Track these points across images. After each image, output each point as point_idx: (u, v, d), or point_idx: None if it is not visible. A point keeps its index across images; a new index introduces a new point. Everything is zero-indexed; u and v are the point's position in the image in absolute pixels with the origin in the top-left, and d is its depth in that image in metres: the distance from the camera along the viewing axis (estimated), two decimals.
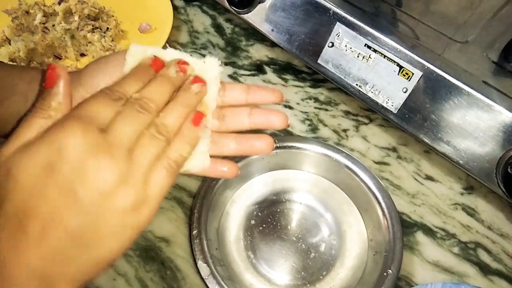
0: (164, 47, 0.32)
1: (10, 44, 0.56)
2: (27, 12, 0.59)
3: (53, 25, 0.58)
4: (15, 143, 0.24)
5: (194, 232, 0.41)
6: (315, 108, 0.58)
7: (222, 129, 0.33)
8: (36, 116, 0.25)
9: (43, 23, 0.58)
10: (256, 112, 0.33)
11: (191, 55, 0.32)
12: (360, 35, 0.48)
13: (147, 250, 0.46)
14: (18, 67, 0.35)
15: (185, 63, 0.30)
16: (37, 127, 0.24)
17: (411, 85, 0.46)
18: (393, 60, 0.47)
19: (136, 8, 0.66)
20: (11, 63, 0.55)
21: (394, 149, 0.55)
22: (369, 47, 0.48)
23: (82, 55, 0.60)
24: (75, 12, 0.59)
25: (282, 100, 0.33)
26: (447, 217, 0.50)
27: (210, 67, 0.31)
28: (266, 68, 0.62)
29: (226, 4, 0.56)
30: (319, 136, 0.55)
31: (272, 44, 0.64)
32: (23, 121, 0.25)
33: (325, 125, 0.57)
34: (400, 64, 0.46)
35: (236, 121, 0.33)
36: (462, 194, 0.52)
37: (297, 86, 0.61)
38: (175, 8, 0.65)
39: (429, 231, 0.49)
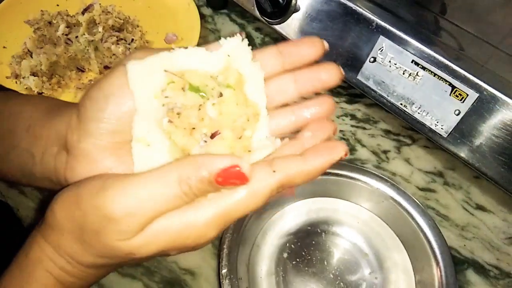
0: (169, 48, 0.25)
1: (31, 57, 0.54)
2: (50, 23, 0.57)
3: (76, 37, 0.55)
4: None
5: (224, 271, 0.38)
6: (352, 126, 0.54)
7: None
8: None
9: (66, 35, 0.56)
10: (301, 74, 0.26)
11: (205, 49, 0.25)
12: (407, 50, 0.43)
13: (171, 283, 0.43)
14: (11, 104, 0.31)
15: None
16: None
17: (465, 107, 0.41)
18: (444, 79, 0.42)
19: (162, 18, 0.62)
20: (32, 77, 0.52)
21: (440, 174, 0.50)
22: (416, 64, 0.43)
23: (106, 67, 0.57)
24: (99, 23, 0.56)
25: (326, 50, 0.27)
26: (500, 253, 0.45)
27: (236, 52, 0.25)
28: None
29: (257, 14, 0.52)
30: (357, 158, 0.51)
31: None
32: None
33: (363, 146, 0.52)
34: (453, 83, 0.41)
35: (280, 93, 0.27)
36: None
37: None
38: (202, 16, 0.62)
39: (481, 269, 0.44)
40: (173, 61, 0.25)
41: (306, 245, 0.44)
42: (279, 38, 0.63)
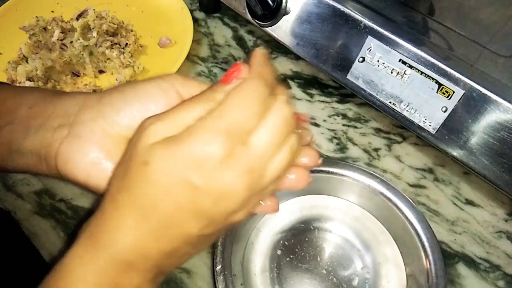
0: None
1: (27, 62, 0.55)
2: (45, 29, 0.58)
3: (71, 42, 0.56)
4: (165, 121, 0.23)
5: (218, 268, 0.38)
6: (343, 125, 0.55)
7: None
8: (198, 102, 0.24)
9: (61, 40, 0.57)
10: None
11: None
12: (394, 49, 0.44)
13: (167, 282, 0.43)
14: (20, 88, 0.32)
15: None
16: (193, 115, 0.23)
17: (451, 104, 0.42)
18: (431, 77, 0.43)
19: (156, 22, 0.63)
20: (28, 82, 0.53)
21: (430, 171, 0.51)
22: (404, 63, 0.44)
23: (101, 71, 0.58)
24: (93, 28, 0.57)
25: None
26: (490, 246, 0.46)
27: None
28: (291, 83, 0.59)
29: (249, 17, 0.53)
30: (348, 156, 0.52)
31: (297, 57, 0.61)
32: (182, 103, 0.24)
33: (355, 144, 0.53)
34: (439, 81, 0.42)
35: None
36: (506, 220, 0.48)
37: (323, 101, 0.57)
38: (195, 20, 0.63)
39: (471, 263, 0.45)
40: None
41: (299, 242, 0.44)
42: (271, 41, 0.64)
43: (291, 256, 0.44)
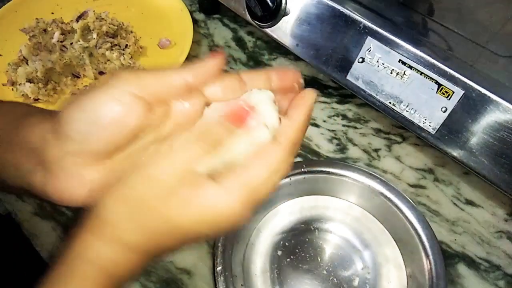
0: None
1: (27, 64, 0.55)
2: (45, 30, 0.58)
3: (71, 43, 0.57)
4: None
5: (218, 268, 0.39)
6: (343, 125, 0.55)
7: None
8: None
9: (61, 41, 0.57)
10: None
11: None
12: (394, 50, 0.44)
13: (168, 283, 0.43)
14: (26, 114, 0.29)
15: None
16: None
17: (451, 104, 0.42)
18: (430, 77, 0.43)
19: (155, 23, 0.64)
20: (28, 83, 0.53)
21: (430, 171, 0.51)
22: (403, 63, 0.44)
23: (101, 73, 0.58)
24: (93, 30, 0.57)
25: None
26: (490, 246, 0.46)
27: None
28: None
29: (248, 18, 0.53)
30: (348, 157, 0.52)
31: (296, 58, 0.61)
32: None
33: (355, 145, 0.53)
34: (439, 81, 0.43)
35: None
36: (506, 220, 0.48)
37: (323, 102, 0.57)
38: (195, 21, 0.63)
39: (471, 263, 0.45)
40: None
41: (300, 242, 0.44)
42: (271, 42, 0.64)
43: (292, 257, 0.44)
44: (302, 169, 0.45)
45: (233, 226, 0.25)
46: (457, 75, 0.41)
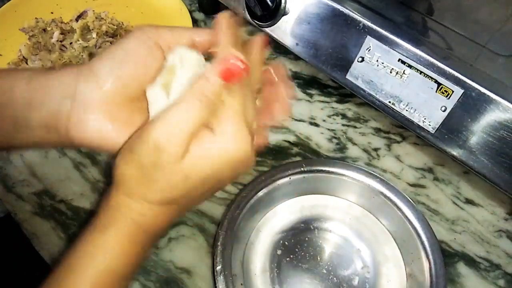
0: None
1: (27, 64, 0.55)
2: (44, 30, 0.58)
3: (71, 43, 0.57)
4: None
5: (218, 268, 0.39)
6: (343, 125, 0.55)
7: None
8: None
9: (61, 41, 0.57)
10: None
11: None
12: (393, 49, 0.44)
13: (167, 282, 0.43)
14: (8, 70, 0.32)
15: None
16: None
17: (450, 103, 0.42)
18: (430, 77, 0.43)
19: (155, 23, 0.63)
20: None
21: (430, 170, 0.51)
22: (403, 62, 0.44)
23: None
24: (93, 29, 0.57)
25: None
26: (490, 245, 0.46)
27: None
28: None
29: (248, 17, 0.53)
30: (348, 156, 0.52)
31: (296, 57, 0.61)
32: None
33: (354, 144, 0.53)
34: (438, 80, 0.42)
35: None
36: (506, 219, 0.48)
37: (323, 101, 0.57)
38: (194, 21, 0.63)
39: (471, 262, 0.45)
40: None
41: (299, 241, 0.44)
42: (271, 41, 0.64)
43: (291, 256, 0.44)
44: (302, 169, 0.45)
45: (246, 162, 0.27)
46: (456, 74, 0.41)
